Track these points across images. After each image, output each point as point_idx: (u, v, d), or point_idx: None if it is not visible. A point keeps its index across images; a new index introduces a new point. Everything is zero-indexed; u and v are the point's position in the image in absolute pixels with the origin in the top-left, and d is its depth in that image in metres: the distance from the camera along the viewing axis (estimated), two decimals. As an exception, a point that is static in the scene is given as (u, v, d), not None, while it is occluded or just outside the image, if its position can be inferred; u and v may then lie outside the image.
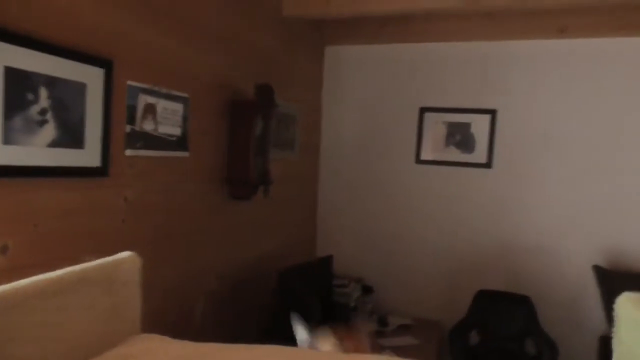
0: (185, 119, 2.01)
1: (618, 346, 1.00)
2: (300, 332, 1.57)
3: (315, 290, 2.60)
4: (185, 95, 1.99)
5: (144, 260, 1.77)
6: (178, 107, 1.97)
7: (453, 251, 3.24)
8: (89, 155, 1.56)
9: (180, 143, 2.00)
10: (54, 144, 1.42)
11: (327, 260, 2.85)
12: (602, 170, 2.97)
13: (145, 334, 1.37)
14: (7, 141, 1.30)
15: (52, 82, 1.40)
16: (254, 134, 2.32)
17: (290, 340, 2.19)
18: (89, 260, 1.54)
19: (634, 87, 2.89)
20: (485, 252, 3.17)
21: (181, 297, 2.04)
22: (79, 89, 1.50)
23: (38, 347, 1.03)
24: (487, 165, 3.14)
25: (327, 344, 1.44)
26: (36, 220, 1.39)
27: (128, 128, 1.72)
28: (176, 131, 1.98)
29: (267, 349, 1.32)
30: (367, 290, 3.23)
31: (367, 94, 3.41)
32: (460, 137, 3.18)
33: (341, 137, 3.48)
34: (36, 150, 1.37)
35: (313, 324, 1.82)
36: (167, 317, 1.93)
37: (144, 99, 1.78)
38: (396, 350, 2.71)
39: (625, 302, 1.10)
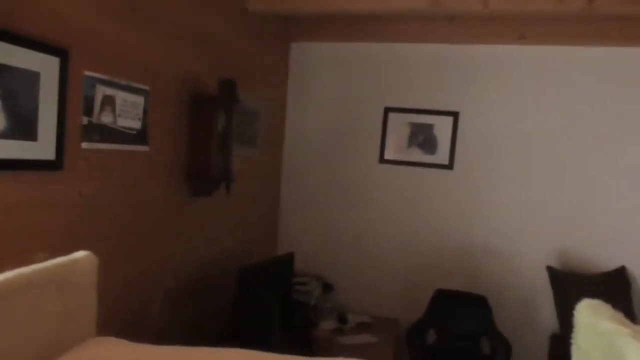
0: (145, 112, 1.95)
1: (577, 352, 1.02)
2: None
3: (275, 288, 2.59)
4: (145, 87, 1.94)
5: (99, 257, 1.72)
6: (138, 99, 1.91)
7: (413, 250, 3.29)
8: (42, 148, 1.49)
9: (140, 137, 1.95)
10: (3, 135, 1.35)
11: (288, 258, 2.83)
12: (557, 174, 3.07)
13: (100, 337, 1.29)
14: (-48, 131, 1.23)
15: (1, 71, 1.33)
16: (216, 129, 2.28)
17: (251, 339, 2.17)
18: (41, 258, 1.48)
19: (589, 94, 3.00)
20: (444, 252, 3.23)
21: (138, 295, 1.99)
22: (32, 78, 1.43)
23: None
24: (449, 166, 3.19)
25: None
26: (-17, 215, 1.32)
27: (85, 120, 1.66)
28: (136, 124, 1.92)
29: (232, 352, 1.27)
30: (327, 288, 3.24)
31: (332, 92, 3.41)
32: (423, 138, 3.23)
33: (305, 135, 3.47)
34: (-16, 141, 1.30)
35: (272, 330, 1.80)
36: (123, 315, 1.88)
37: (102, 91, 1.72)
38: (355, 348, 2.72)
39: (584, 309, 1.13)
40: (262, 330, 2.07)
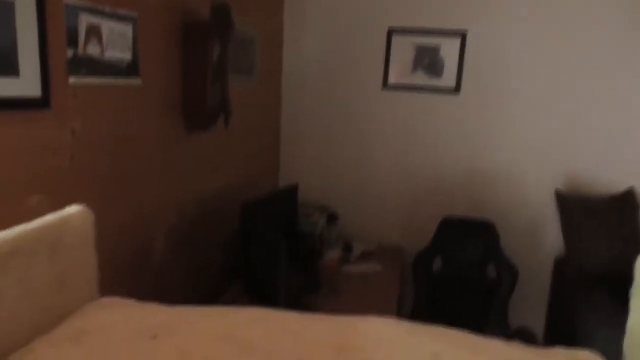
0: (135, 42, 1.82)
1: (636, 304, 0.94)
2: None
3: (280, 221, 2.56)
4: (133, 15, 1.79)
5: (97, 198, 1.67)
6: (126, 28, 1.77)
7: (418, 178, 3.24)
8: (26, 85, 1.38)
9: (131, 69, 1.82)
10: (-19, 72, 1.25)
11: (293, 190, 2.78)
12: (566, 96, 2.97)
13: (104, 299, 1.21)
14: None
15: (-28, 0, 1.20)
16: (211, 59, 2.15)
17: (258, 274, 2.16)
18: (36, 202, 1.42)
19: (605, 18, 2.83)
20: (450, 179, 3.18)
21: (140, 234, 1.96)
22: (6, 8, 1.30)
23: None
24: (456, 90, 3.07)
25: None
26: (-30, 160, 1.24)
27: (70, 53, 1.54)
28: (126, 56, 1.79)
29: (247, 312, 1.18)
30: (332, 218, 3.22)
31: (331, 15, 3.21)
32: (429, 61, 3.08)
33: (304, 62, 3.31)
34: (-39, 80, 1.20)
35: (279, 263, 1.77)
36: (125, 256, 1.85)
37: (85, 20, 1.58)
38: (361, 276, 2.75)
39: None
40: (269, 265, 2.05)
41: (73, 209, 1.17)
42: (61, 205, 1.49)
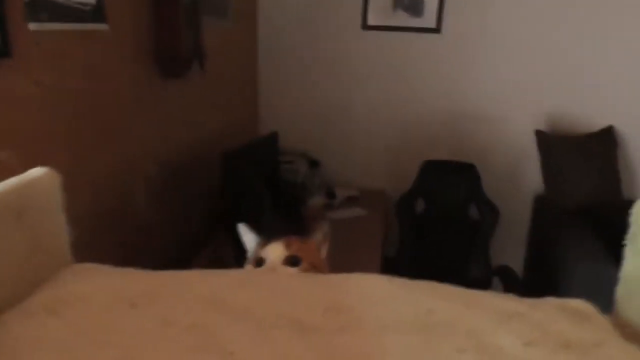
0: (98, -17, 1.70)
1: (633, 257, 0.92)
2: (249, 242, 1.42)
3: (261, 170, 2.52)
4: (94, -48, 1.66)
5: (69, 152, 1.60)
6: (87, -32, 1.65)
7: (399, 121, 3.21)
8: (-19, 32, 1.28)
9: (96, 13, 1.71)
10: None
11: (272, 137, 2.73)
12: (547, 35, 2.92)
13: (78, 265, 1.14)
14: None
15: None
16: (182, 0, 2.03)
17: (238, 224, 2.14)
18: (5, 158, 1.35)
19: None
20: (431, 121, 3.16)
21: (119, 187, 1.90)
22: (-49, -55, 1.18)
23: None
24: (437, 30, 2.99)
25: (277, 254, 1.27)
26: None
27: (27, -5, 1.42)
28: (89, -1, 1.68)
29: (234, 274, 1.13)
30: (313, 164, 3.19)
31: (306, -49, 3.05)
32: (408, 0, 2.97)
33: (280, 2, 3.17)
34: None
35: (262, 212, 1.75)
36: (104, 210, 1.81)
37: (41, -42, 1.46)
38: (345, 221, 2.76)
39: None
40: (252, 214, 2.04)
41: (37, 171, 1.08)
42: (31, 160, 1.42)
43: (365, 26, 3.07)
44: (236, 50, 2.97)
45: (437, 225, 2.86)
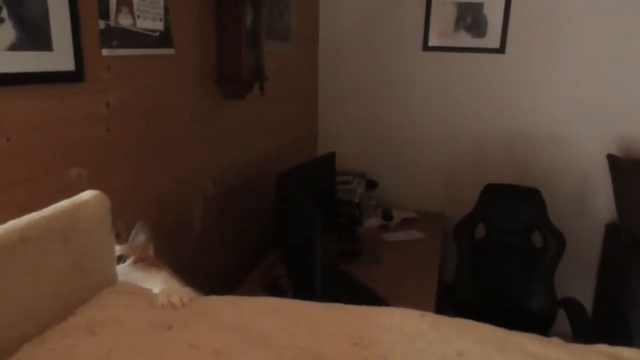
0: (166, 11, 1.79)
1: None
2: (118, 248, 1.45)
3: (317, 190, 2.53)
4: (163, -18, 1.76)
5: (134, 170, 1.68)
6: (157, -3, 1.74)
7: (459, 143, 3.14)
8: (59, 58, 1.38)
9: (163, 39, 1.80)
10: (14, 46, 1.24)
11: (329, 158, 2.74)
12: (618, 55, 2.77)
13: (121, 284, 1.15)
14: (-41, 46, 1.13)
15: (0, -27, 1.19)
16: (244, 24, 2.10)
17: (295, 244, 2.16)
18: (75, 174, 1.44)
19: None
20: (492, 143, 3.07)
21: (177, 205, 1.97)
22: (36, -20, 1.28)
23: None
24: (500, 50, 2.91)
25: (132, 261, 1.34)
26: (9, 134, 1.26)
27: (102, 24, 1.52)
28: (158, 25, 1.77)
29: (264, 302, 1.09)
30: (371, 185, 3.17)
31: (368, -26, 3.08)
32: (471, 19, 2.92)
33: (341, 24, 3.21)
34: (-5, 55, 1.20)
35: (315, 232, 1.75)
36: (163, 227, 1.87)
37: (115, -11, 1.56)
38: (401, 244, 2.71)
39: None
40: (305, 233, 2.04)
41: (87, 194, 1.13)
42: (99, 177, 1.51)
43: (426, 47, 3.04)
44: (296, 72, 3.03)
45: (498, 252, 2.75)
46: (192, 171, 2.04)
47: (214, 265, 2.24)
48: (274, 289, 2.14)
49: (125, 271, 1.26)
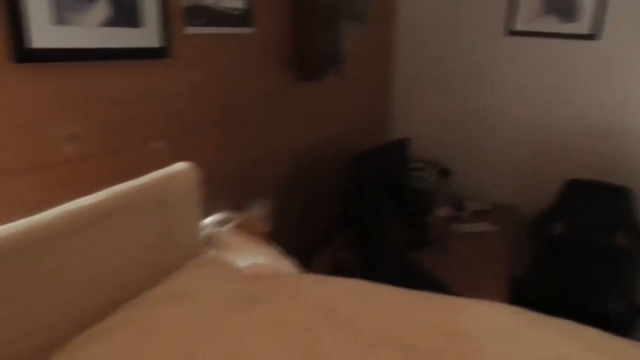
0: (248, -10, 1.81)
1: None
2: (209, 223, 1.40)
3: (389, 175, 2.50)
4: (247, -38, 1.77)
5: (210, 147, 1.72)
6: (240, -24, 1.76)
7: (540, 133, 2.97)
8: (147, 35, 1.43)
9: (244, 18, 1.82)
10: (108, 22, 1.30)
11: (403, 143, 2.69)
12: None
13: (207, 256, 1.18)
14: (59, 21, 1.19)
15: (98, -49, 1.24)
16: (322, 5, 2.08)
17: (365, 227, 2.15)
18: (157, 148, 1.50)
19: None
20: (577, 136, 2.88)
21: (250, 183, 2.01)
22: (129, -42, 1.33)
23: (71, 292, 0.86)
24: (592, 36, 2.71)
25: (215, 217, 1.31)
26: (100, 107, 1.33)
27: (187, 2, 1.56)
28: (240, 4, 1.79)
29: (350, 283, 1.06)
30: (444, 173, 3.08)
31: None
32: (561, 2, 2.74)
33: (420, 6, 3.11)
34: (90, 30, 1.26)
35: (385, 217, 1.73)
36: (236, 205, 1.91)
37: (201, -32, 1.59)
38: (472, 236, 2.63)
39: None
40: (376, 219, 2.02)
41: (178, 166, 1.16)
42: (180, 152, 1.56)
43: (510, 31, 2.89)
44: (373, 54, 2.98)
45: (576, 251, 2.59)
46: (266, 150, 2.06)
47: (281, 245, 2.27)
48: (340, 272, 2.14)
49: (223, 234, 1.27)
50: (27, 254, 0.79)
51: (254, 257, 1.24)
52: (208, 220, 1.42)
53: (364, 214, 2.17)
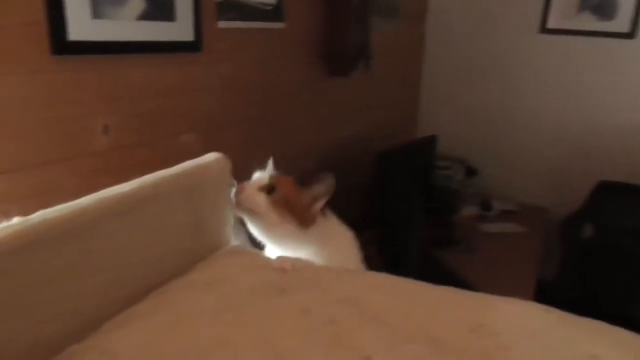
0: (280, -15, 1.82)
1: None
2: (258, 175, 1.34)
3: (416, 173, 2.48)
4: (279, -43, 1.78)
5: (240, 140, 1.74)
6: (272, -29, 1.78)
7: (572, 134, 2.90)
8: (181, 29, 1.46)
9: (275, 13, 1.84)
10: (143, 16, 1.33)
11: (431, 141, 2.67)
12: None
13: (237, 246, 1.21)
14: (97, 15, 1.22)
15: (135, -54, 1.27)
16: (353, 1, 2.08)
17: (391, 224, 2.14)
18: (188, 140, 1.52)
19: None
20: (610, 138, 2.80)
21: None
22: (164, -47, 1.35)
23: (105, 276, 0.89)
24: (631, 35, 2.64)
25: (257, 180, 1.24)
26: (134, 99, 1.36)
27: (220, -3, 1.58)
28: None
29: (377, 277, 1.06)
30: (471, 172, 3.05)
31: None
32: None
33: (451, 3, 3.07)
34: (126, 24, 1.29)
35: (412, 215, 1.72)
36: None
37: (234, -37, 1.60)
38: (499, 236, 2.60)
39: None
40: (403, 216, 2.02)
41: (211, 157, 1.18)
42: (211, 145, 1.58)
43: (544, 29, 2.83)
44: (402, 50, 2.96)
45: (607, 255, 2.54)
46: (294, 144, 2.07)
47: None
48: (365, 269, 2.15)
49: (263, 203, 1.21)
50: (67, 238, 0.81)
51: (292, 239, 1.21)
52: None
53: (390, 212, 2.16)
